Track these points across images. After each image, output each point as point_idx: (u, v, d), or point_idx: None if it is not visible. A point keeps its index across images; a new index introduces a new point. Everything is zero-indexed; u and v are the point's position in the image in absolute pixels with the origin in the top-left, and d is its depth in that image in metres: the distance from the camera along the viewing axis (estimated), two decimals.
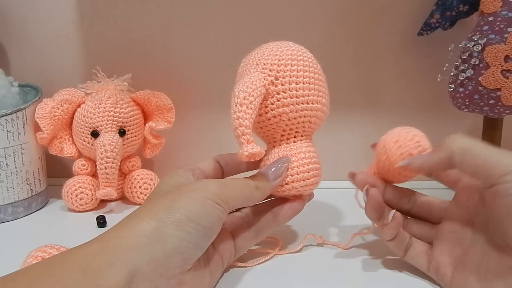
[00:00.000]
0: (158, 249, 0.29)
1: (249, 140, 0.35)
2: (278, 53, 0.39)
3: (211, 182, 0.34)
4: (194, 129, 0.61)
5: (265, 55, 0.39)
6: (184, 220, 0.30)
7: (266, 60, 0.38)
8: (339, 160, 0.60)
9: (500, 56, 0.44)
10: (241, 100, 0.35)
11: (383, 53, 0.57)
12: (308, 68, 0.39)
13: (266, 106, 0.38)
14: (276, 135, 0.40)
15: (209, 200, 0.32)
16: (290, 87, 0.38)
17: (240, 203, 0.36)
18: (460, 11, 0.49)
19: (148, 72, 0.59)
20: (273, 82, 0.38)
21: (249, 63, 0.40)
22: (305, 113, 0.38)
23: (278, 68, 0.38)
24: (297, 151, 0.39)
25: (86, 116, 0.53)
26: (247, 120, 0.35)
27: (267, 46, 0.40)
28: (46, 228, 0.50)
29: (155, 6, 0.58)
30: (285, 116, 0.38)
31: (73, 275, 0.26)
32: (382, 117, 0.59)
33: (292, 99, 0.38)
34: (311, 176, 0.39)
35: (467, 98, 0.46)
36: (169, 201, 0.31)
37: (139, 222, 0.30)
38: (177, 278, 0.30)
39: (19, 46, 0.60)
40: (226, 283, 0.37)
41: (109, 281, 0.27)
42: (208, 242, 0.33)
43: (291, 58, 0.39)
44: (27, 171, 0.52)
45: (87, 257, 0.28)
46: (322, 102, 0.40)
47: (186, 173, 0.37)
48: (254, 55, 0.40)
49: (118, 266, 0.27)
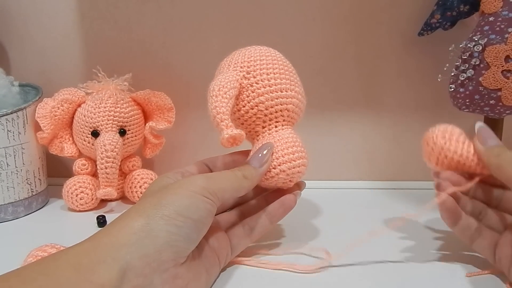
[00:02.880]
0: (148, 244, 0.29)
1: (227, 125, 0.37)
2: (247, 53, 0.42)
3: (198, 177, 0.35)
4: (194, 129, 0.61)
5: (235, 57, 0.42)
6: (172, 215, 0.31)
7: (236, 60, 0.42)
8: (339, 160, 0.60)
9: (500, 56, 0.44)
10: (216, 91, 0.38)
11: (383, 53, 0.57)
12: (276, 62, 0.42)
13: (243, 99, 0.41)
14: (258, 127, 0.41)
15: (197, 194, 0.33)
16: (262, 78, 0.40)
17: (230, 194, 0.36)
18: (461, 11, 0.49)
19: (148, 71, 0.59)
20: (245, 77, 0.41)
21: (222, 65, 0.43)
22: (281, 100, 0.41)
23: (249, 64, 0.41)
24: (279, 137, 0.40)
25: (87, 115, 0.53)
26: (223, 108, 0.37)
27: (238, 50, 0.43)
28: (47, 227, 0.50)
29: (155, 6, 0.58)
30: (262, 106, 0.40)
31: (66, 272, 0.27)
32: (383, 117, 0.59)
33: (265, 88, 0.40)
34: (297, 158, 0.39)
35: (468, 98, 0.46)
36: (156, 198, 0.32)
37: (129, 221, 0.31)
38: (170, 272, 0.30)
39: (19, 45, 0.60)
40: (225, 283, 0.37)
41: (102, 277, 0.27)
42: (200, 235, 0.33)
43: (259, 54, 0.42)
44: (27, 170, 0.52)
45: (79, 255, 0.28)
46: (296, 91, 0.42)
47: (175, 175, 0.38)
48: (226, 59, 0.43)
49: (110, 263, 0.28)
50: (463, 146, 0.38)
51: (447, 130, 0.39)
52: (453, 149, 0.38)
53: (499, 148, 0.36)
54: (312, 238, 0.44)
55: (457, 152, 0.37)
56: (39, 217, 0.53)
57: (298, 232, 0.45)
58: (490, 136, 0.37)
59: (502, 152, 0.35)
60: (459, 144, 0.38)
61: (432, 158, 0.39)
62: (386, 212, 0.50)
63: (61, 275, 0.27)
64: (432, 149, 0.38)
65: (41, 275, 0.27)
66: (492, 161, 0.36)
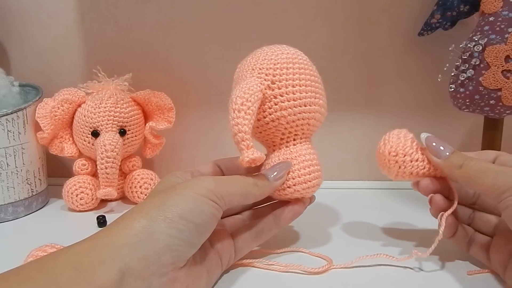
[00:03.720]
0: (149, 247, 0.29)
1: (248, 145, 0.35)
2: (273, 57, 0.39)
3: (206, 179, 0.34)
4: (194, 129, 0.61)
5: (260, 60, 0.39)
6: (175, 218, 0.30)
7: (261, 65, 0.38)
8: (339, 160, 0.60)
9: (500, 56, 0.44)
10: (239, 106, 0.36)
11: (383, 53, 0.57)
12: (303, 71, 0.39)
13: (264, 110, 0.38)
14: (276, 139, 0.40)
15: (203, 197, 0.32)
16: (287, 90, 0.38)
17: (238, 200, 0.36)
18: (461, 11, 0.49)
19: (148, 72, 0.59)
20: (270, 86, 0.38)
21: (244, 68, 0.40)
22: (303, 115, 0.39)
23: (274, 72, 0.38)
24: (297, 154, 0.39)
25: (87, 115, 0.53)
26: (246, 126, 0.35)
27: (262, 50, 0.40)
28: (47, 227, 0.50)
29: (155, 6, 0.58)
30: (283, 120, 0.38)
31: (65, 272, 0.27)
32: (383, 117, 0.59)
33: (289, 102, 0.38)
34: (312, 178, 0.39)
35: (468, 98, 0.46)
36: (161, 199, 0.32)
37: (131, 221, 0.30)
38: (169, 276, 0.30)
39: (19, 45, 0.61)
40: (224, 283, 0.37)
41: (101, 278, 0.27)
42: (201, 239, 0.32)
43: (286, 61, 0.39)
44: (27, 170, 0.52)
45: (79, 255, 0.28)
46: (320, 104, 0.40)
47: (184, 175, 0.37)
48: (249, 61, 0.40)
49: (109, 264, 0.27)
50: (417, 163, 0.37)
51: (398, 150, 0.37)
52: (409, 171, 0.37)
53: (457, 158, 0.35)
54: (312, 238, 0.44)
55: (413, 173, 0.37)
56: (39, 217, 0.53)
57: (298, 232, 0.45)
58: (440, 145, 0.37)
59: (463, 162, 0.35)
60: (413, 163, 0.37)
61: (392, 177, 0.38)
62: (385, 212, 0.50)
63: (60, 275, 0.27)
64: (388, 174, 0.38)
65: (40, 274, 0.27)
66: (457, 174, 0.35)
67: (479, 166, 0.34)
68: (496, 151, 0.38)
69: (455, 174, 0.35)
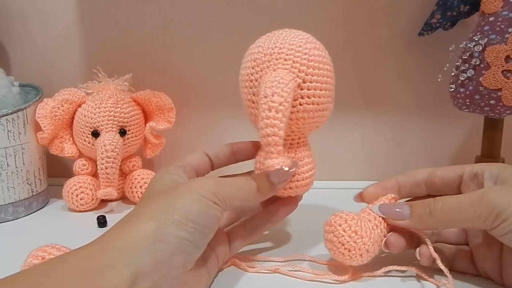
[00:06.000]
0: (160, 250, 0.29)
1: (280, 151, 0.33)
2: (306, 51, 0.36)
3: (209, 181, 0.34)
4: (194, 129, 0.61)
5: (294, 50, 0.35)
6: (184, 220, 0.30)
7: (295, 58, 0.35)
8: (339, 160, 0.60)
9: (501, 56, 0.44)
10: (277, 106, 0.32)
11: (383, 53, 0.57)
12: (330, 73, 0.37)
13: None
14: None
15: (207, 200, 0.32)
16: (314, 93, 0.36)
17: (238, 203, 0.35)
18: (461, 11, 0.49)
19: (148, 72, 0.59)
20: (300, 85, 0.35)
21: (274, 54, 0.36)
22: (319, 119, 0.37)
23: (307, 71, 0.35)
24: (301, 154, 0.39)
25: (87, 116, 0.53)
26: (282, 130, 0.33)
27: (290, 36, 0.36)
28: (47, 228, 0.50)
29: (155, 6, 0.58)
30: (301, 121, 0.36)
31: (73, 276, 0.26)
32: (383, 117, 0.59)
33: (313, 105, 0.36)
34: (311, 181, 0.39)
35: (468, 98, 0.46)
36: (166, 201, 0.31)
37: (138, 224, 0.30)
38: (180, 278, 0.30)
39: (20, 45, 0.61)
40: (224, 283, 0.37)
41: (111, 282, 0.26)
42: (206, 241, 0.33)
43: (318, 60, 0.36)
44: (27, 171, 0.53)
45: (87, 258, 0.28)
46: (330, 108, 0.39)
47: (177, 170, 0.37)
48: (279, 46, 0.36)
49: (120, 268, 0.27)
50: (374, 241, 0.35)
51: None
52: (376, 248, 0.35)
53: (420, 208, 0.34)
54: (311, 238, 0.44)
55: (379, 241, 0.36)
56: (40, 217, 0.53)
57: (297, 232, 0.45)
58: (395, 207, 0.35)
59: (428, 208, 0.33)
60: (368, 240, 0.35)
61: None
62: None
63: (68, 279, 0.26)
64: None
65: (48, 278, 0.26)
66: (431, 223, 0.33)
67: (449, 203, 0.33)
68: (425, 169, 0.38)
69: (429, 224, 0.34)
